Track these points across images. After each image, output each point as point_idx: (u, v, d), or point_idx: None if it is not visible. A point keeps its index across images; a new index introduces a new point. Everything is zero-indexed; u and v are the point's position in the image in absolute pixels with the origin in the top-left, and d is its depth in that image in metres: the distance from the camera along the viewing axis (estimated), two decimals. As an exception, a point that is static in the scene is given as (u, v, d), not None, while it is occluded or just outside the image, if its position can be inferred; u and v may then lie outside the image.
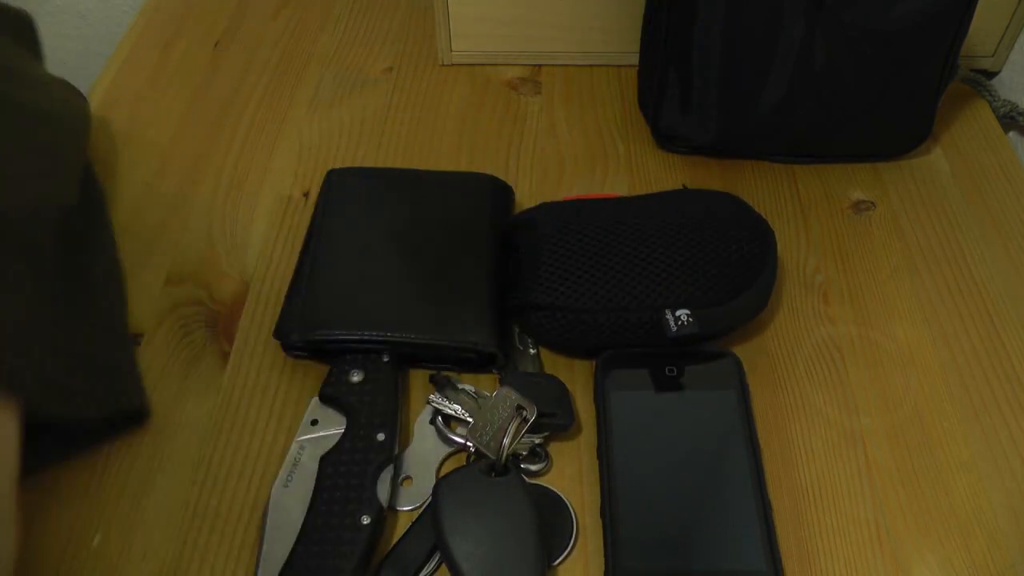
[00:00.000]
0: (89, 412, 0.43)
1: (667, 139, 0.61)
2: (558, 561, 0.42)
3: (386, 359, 0.47)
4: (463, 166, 0.62)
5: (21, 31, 0.57)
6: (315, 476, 0.43)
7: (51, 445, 0.44)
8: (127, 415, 0.45)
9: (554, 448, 0.46)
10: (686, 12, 0.54)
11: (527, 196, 0.59)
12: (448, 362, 0.49)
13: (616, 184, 0.60)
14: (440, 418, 0.47)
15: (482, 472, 0.42)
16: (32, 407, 0.39)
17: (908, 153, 0.61)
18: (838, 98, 0.56)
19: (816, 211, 0.59)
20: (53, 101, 0.54)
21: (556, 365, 0.50)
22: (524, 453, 0.45)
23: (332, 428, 0.45)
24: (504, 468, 0.43)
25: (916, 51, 0.54)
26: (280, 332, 0.49)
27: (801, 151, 0.61)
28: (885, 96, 0.56)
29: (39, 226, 0.45)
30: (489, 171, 0.58)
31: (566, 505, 0.44)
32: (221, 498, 0.44)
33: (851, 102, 0.56)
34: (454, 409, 0.46)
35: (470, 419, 0.45)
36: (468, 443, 0.45)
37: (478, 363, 0.48)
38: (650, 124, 0.62)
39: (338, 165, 0.62)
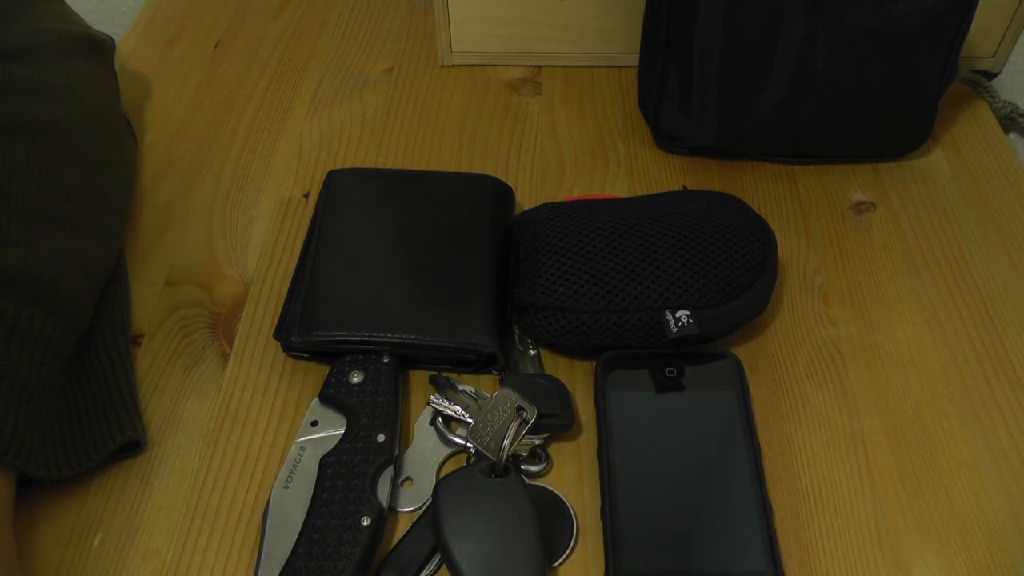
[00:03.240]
0: (88, 465, 0.44)
1: (667, 140, 0.61)
2: (558, 562, 0.42)
3: (386, 360, 0.47)
4: (463, 167, 0.62)
5: (103, 56, 0.59)
6: (315, 477, 0.43)
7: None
8: (122, 449, 0.45)
9: (554, 449, 0.46)
10: (686, 12, 0.54)
11: (527, 196, 0.59)
12: (448, 363, 0.49)
13: (616, 185, 0.60)
14: (440, 419, 0.47)
15: (482, 473, 0.42)
16: (31, 471, 0.41)
17: (908, 154, 0.61)
18: (838, 98, 0.56)
19: (816, 212, 0.59)
20: (117, 147, 0.56)
21: (556, 366, 0.50)
22: (524, 454, 0.45)
23: (332, 429, 0.45)
24: (504, 469, 0.43)
25: (917, 51, 0.54)
26: (280, 333, 0.49)
27: (801, 151, 0.61)
28: (885, 96, 0.56)
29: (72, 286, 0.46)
30: (489, 171, 0.58)
31: (566, 506, 0.44)
32: (221, 498, 0.44)
33: (851, 102, 0.57)
34: (454, 410, 0.46)
35: (470, 420, 0.45)
36: (468, 444, 0.45)
37: (478, 364, 0.48)
38: (650, 124, 0.62)
39: (338, 166, 0.62)
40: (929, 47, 0.54)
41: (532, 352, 0.50)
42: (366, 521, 0.41)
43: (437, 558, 0.41)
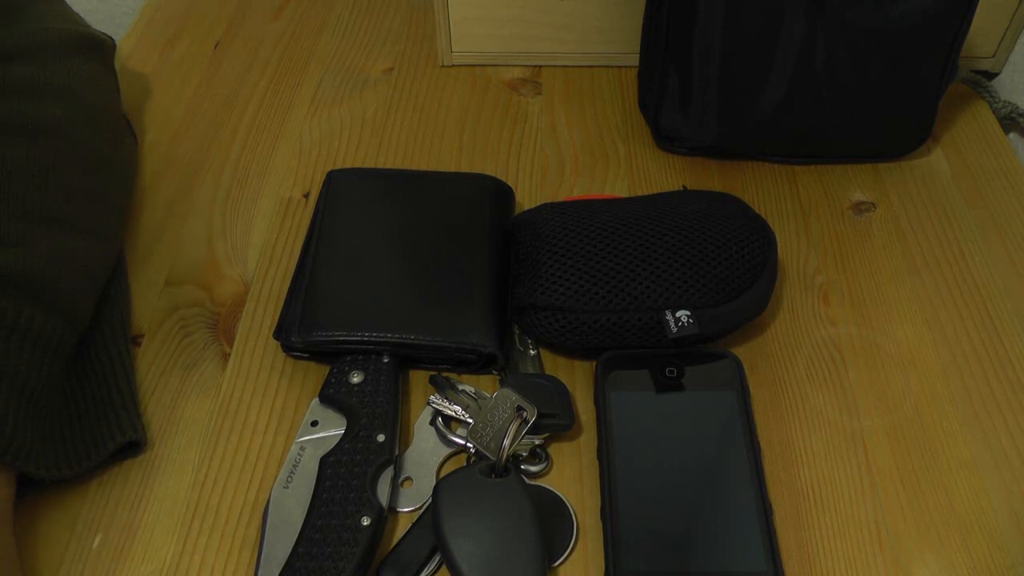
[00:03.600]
0: (87, 465, 0.44)
1: (668, 140, 0.61)
2: (558, 562, 0.42)
3: (386, 360, 0.47)
4: (463, 167, 0.62)
5: (104, 56, 0.59)
6: (315, 477, 0.43)
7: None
8: (122, 449, 0.45)
9: (554, 449, 0.46)
10: (686, 12, 0.54)
11: (527, 196, 0.59)
12: (448, 363, 0.49)
13: (616, 185, 0.60)
14: (440, 419, 0.47)
15: (482, 473, 0.42)
16: (31, 471, 0.41)
17: (908, 154, 0.61)
18: (838, 98, 0.56)
19: (816, 212, 0.59)
20: (117, 147, 0.56)
21: (556, 366, 0.50)
22: (524, 454, 0.45)
23: (332, 429, 0.45)
24: (504, 469, 0.43)
25: (917, 51, 0.54)
26: (280, 333, 0.49)
27: (801, 151, 0.61)
28: (885, 96, 0.56)
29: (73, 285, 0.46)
30: (489, 171, 0.58)
31: (566, 506, 0.44)
32: (221, 498, 0.44)
33: (851, 102, 0.56)
34: (454, 410, 0.46)
35: (470, 420, 0.45)
36: (468, 444, 0.45)
37: (478, 364, 0.48)
38: (650, 125, 0.62)
39: (338, 166, 0.62)
40: (929, 47, 0.54)
41: (532, 352, 0.50)
42: (366, 521, 0.41)
43: (437, 558, 0.41)
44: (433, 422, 0.47)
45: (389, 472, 0.43)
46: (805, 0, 0.52)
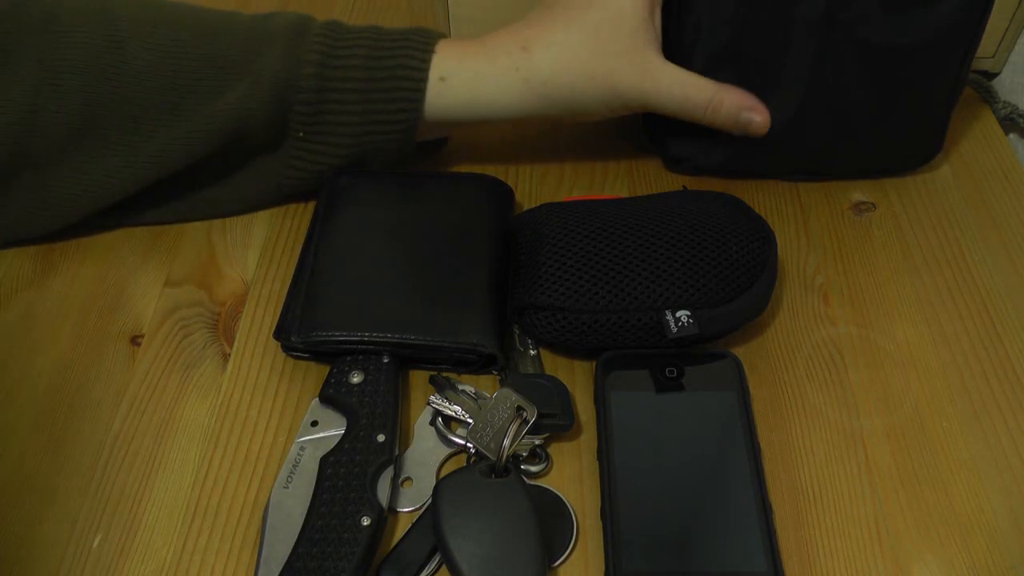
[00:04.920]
0: None
1: (675, 161, 0.60)
2: (558, 562, 0.42)
3: (386, 360, 0.47)
4: (463, 167, 0.61)
5: None
6: (315, 477, 0.43)
7: None
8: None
9: (554, 449, 0.46)
10: (692, 30, 0.54)
11: (527, 196, 0.59)
12: (448, 363, 0.49)
13: (616, 185, 0.60)
14: (440, 419, 0.47)
15: (482, 473, 0.42)
16: None
17: (918, 169, 0.61)
18: (848, 116, 0.55)
19: (816, 212, 0.59)
20: None
21: (556, 366, 0.50)
22: (524, 454, 0.45)
23: (332, 429, 0.45)
24: (504, 469, 0.43)
25: (928, 69, 0.54)
26: (280, 333, 0.49)
27: (811, 169, 0.60)
28: (896, 114, 0.56)
29: None
30: (489, 172, 0.58)
31: (566, 506, 0.44)
32: (221, 498, 0.44)
33: (861, 120, 0.56)
34: (454, 410, 0.46)
35: (470, 420, 0.45)
36: (468, 444, 0.45)
37: (478, 364, 0.48)
38: (658, 147, 0.61)
39: (338, 166, 0.62)
40: (940, 64, 0.54)
41: (532, 352, 0.50)
42: (366, 521, 0.41)
43: (437, 558, 0.41)
44: (433, 422, 0.47)
45: (389, 472, 0.43)
46: (815, 18, 0.51)
